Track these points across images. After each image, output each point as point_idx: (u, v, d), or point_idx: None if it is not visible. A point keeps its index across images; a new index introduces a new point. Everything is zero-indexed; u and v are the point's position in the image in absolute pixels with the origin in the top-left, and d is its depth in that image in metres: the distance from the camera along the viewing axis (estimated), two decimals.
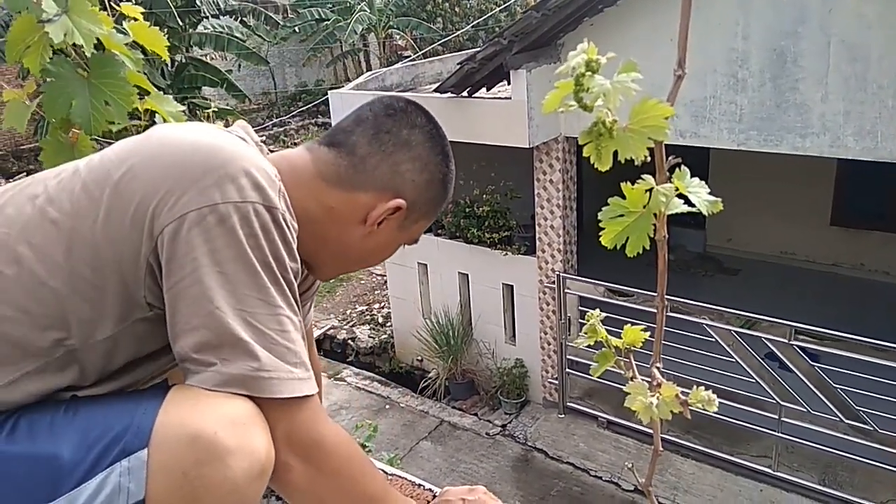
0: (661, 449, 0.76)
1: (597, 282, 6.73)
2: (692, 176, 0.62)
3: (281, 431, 0.81)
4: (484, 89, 6.52)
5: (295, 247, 0.87)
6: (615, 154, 0.59)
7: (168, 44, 1.43)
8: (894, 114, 4.76)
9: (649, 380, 0.70)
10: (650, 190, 0.61)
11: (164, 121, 1.35)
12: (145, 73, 1.41)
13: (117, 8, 1.38)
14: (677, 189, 0.60)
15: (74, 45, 1.27)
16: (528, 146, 6.13)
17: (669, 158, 0.63)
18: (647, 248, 0.63)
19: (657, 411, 0.63)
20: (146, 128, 1.41)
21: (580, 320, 6.83)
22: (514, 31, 5.74)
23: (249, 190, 0.82)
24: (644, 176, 0.62)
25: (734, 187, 8.55)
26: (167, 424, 0.75)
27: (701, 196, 0.60)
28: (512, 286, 7.35)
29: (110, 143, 1.41)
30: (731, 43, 5.24)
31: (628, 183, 0.62)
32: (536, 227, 6.83)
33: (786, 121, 5.18)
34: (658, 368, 0.69)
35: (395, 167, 0.98)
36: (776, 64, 5.10)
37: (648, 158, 0.60)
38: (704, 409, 0.63)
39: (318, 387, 1.45)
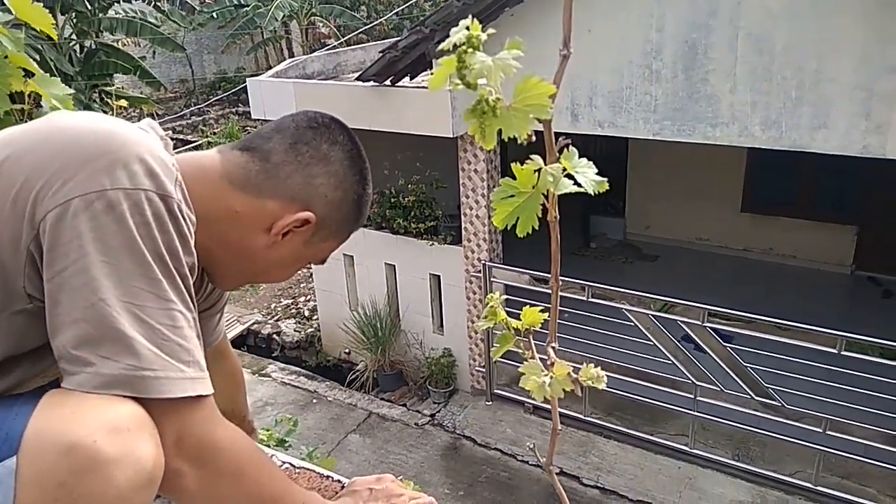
0: (560, 427, 0.76)
1: (522, 270, 6.83)
2: (613, 166, 0.62)
3: (171, 435, 0.76)
4: (407, 78, 6.49)
5: (192, 241, 0.83)
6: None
7: (75, 28, 1.35)
8: (797, 104, 5.00)
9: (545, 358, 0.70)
10: (539, 170, 0.61)
11: (50, 105, 1.27)
12: (50, 59, 1.33)
13: None
14: (565, 169, 0.60)
15: None
16: (451, 136, 6.15)
17: (560, 140, 0.63)
18: (537, 227, 0.63)
19: (550, 389, 0.63)
20: (30, 112, 1.33)
21: (507, 309, 6.90)
22: (435, 19, 5.74)
23: (142, 177, 0.77)
24: (533, 156, 0.62)
25: (652, 177, 8.85)
26: (40, 431, 0.69)
27: (588, 176, 0.61)
28: (439, 276, 7.37)
29: None
30: (646, 35, 5.39)
31: (518, 164, 0.62)
32: (462, 217, 6.87)
33: (697, 111, 5.37)
34: (553, 348, 0.69)
35: (309, 179, 0.94)
36: (688, 56, 5.28)
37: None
38: (594, 385, 0.64)
39: (240, 390, 1.40)
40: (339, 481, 1.08)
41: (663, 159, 8.36)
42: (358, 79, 6.61)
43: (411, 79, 6.57)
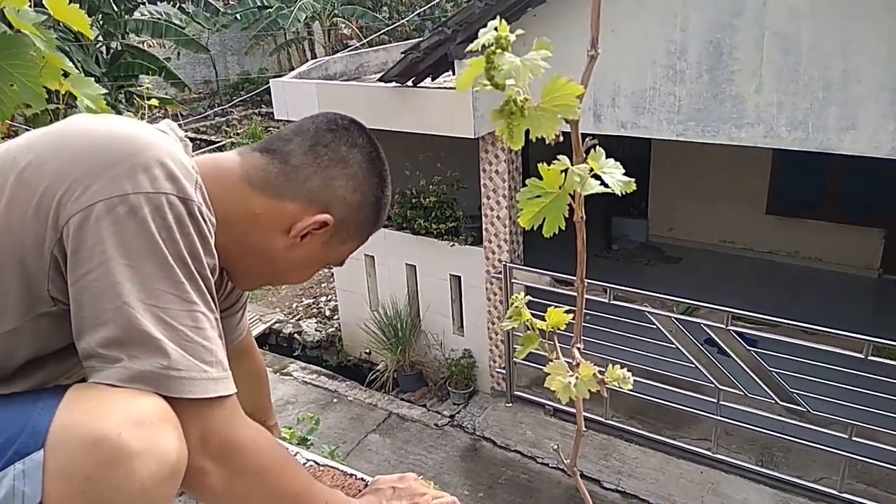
0: (585, 429, 0.76)
1: (543, 271, 6.81)
2: (636, 167, 0.63)
3: (195, 434, 0.77)
4: (429, 79, 6.50)
5: (213, 242, 0.84)
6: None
7: (101, 29, 1.39)
8: (824, 105, 4.93)
9: (570, 360, 0.70)
10: (566, 170, 0.61)
11: (84, 104, 1.29)
12: (78, 60, 1.35)
13: None
14: (592, 169, 0.60)
15: None
16: (473, 136, 6.15)
17: (587, 140, 0.63)
18: (564, 228, 0.63)
19: (575, 390, 0.63)
20: (64, 112, 1.35)
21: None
22: (457, 20, 5.74)
23: (163, 180, 0.78)
24: (559, 157, 0.62)
25: (675, 178, 8.77)
26: (66, 424, 0.70)
27: (615, 176, 0.60)
28: (459, 277, 7.37)
29: (27, 129, 1.35)
30: (670, 35, 5.34)
31: (544, 164, 0.62)
32: (483, 218, 6.86)
33: (722, 112, 5.31)
34: (578, 349, 0.69)
35: (328, 182, 0.95)
36: (713, 56, 5.23)
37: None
38: (620, 387, 0.63)
39: (263, 390, 1.40)
40: (362, 479, 1.09)
41: (687, 160, 8.28)
42: (380, 80, 6.64)
43: (433, 79, 6.58)
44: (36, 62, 1.20)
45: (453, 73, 6.13)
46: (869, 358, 5.17)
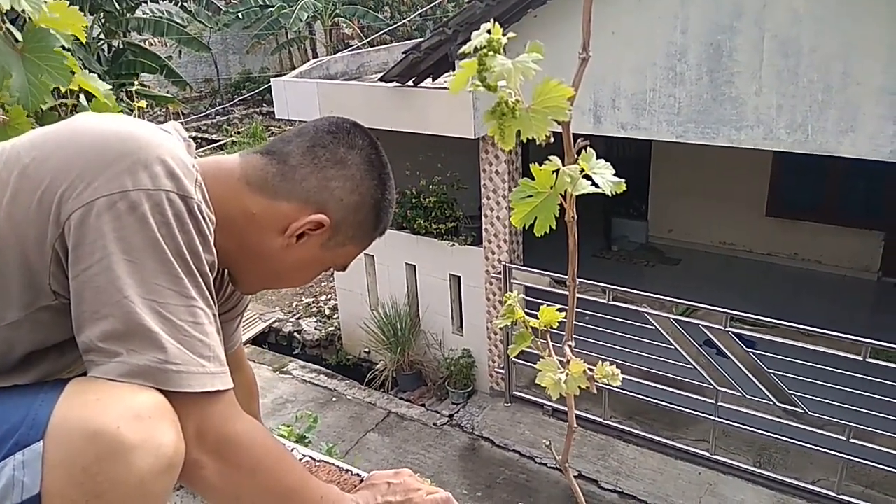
0: (576, 426, 0.77)
1: (542, 272, 6.82)
2: (636, 168, 0.64)
3: (191, 427, 0.78)
4: (430, 79, 6.51)
5: (212, 240, 0.84)
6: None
7: (103, 27, 1.42)
8: (824, 107, 4.94)
9: (563, 358, 0.71)
10: (557, 171, 0.62)
11: (93, 101, 1.30)
12: (79, 58, 1.37)
13: None
14: (583, 170, 0.62)
15: (4, 16, 1.22)
16: (473, 137, 6.16)
17: (579, 141, 0.64)
18: (554, 227, 0.64)
19: (565, 386, 0.64)
20: (74, 107, 1.37)
21: (526, 310, 6.85)
22: (458, 20, 5.75)
23: (163, 178, 0.79)
24: (551, 157, 0.63)
25: (675, 180, 8.78)
26: (66, 417, 0.71)
27: (605, 176, 0.62)
28: (459, 277, 7.38)
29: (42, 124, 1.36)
30: (670, 37, 5.35)
31: (536, 164, 0.63)
32: (483, 218, 6.87)
33: (722, 114, 5.32)
34: (570, 346, 0.70)
35: (325, 182, 0.95)
36: (713, 58, 5.24)
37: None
38: (609, 384, 0.64)
39: (254, 401, 1.41)
40: (357, 475, 1.10)
41: (687, 162, 8.29)
42: (381, 79, 6.65)
43: (434, 80, 6.59)
44: (63, 55, 1.23)
45: (454, 74, 6.14)
46: (867, 360, 5.18)
